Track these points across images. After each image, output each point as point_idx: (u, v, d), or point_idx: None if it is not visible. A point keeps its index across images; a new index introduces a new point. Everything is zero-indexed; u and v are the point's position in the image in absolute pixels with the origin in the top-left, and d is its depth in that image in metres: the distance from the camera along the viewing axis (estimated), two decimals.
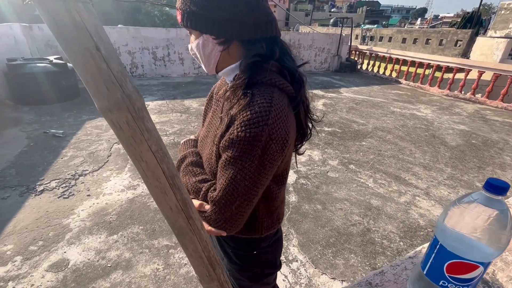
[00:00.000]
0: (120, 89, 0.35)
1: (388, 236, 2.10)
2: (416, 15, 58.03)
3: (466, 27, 11.89)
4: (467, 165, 3.31)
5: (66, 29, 0.31)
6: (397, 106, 5.69)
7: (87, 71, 0.33)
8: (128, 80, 0.37)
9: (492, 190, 0.44)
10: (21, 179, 2.64)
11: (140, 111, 0.38)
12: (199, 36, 0.63)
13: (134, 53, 6.88)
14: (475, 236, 0.45)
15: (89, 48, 0.32)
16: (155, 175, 0.42)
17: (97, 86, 0.34)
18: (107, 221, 2.14)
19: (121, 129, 0.37)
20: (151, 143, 0.40)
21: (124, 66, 5.05)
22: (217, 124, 0.69)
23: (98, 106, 0.36)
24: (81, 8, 0.31)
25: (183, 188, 0.47)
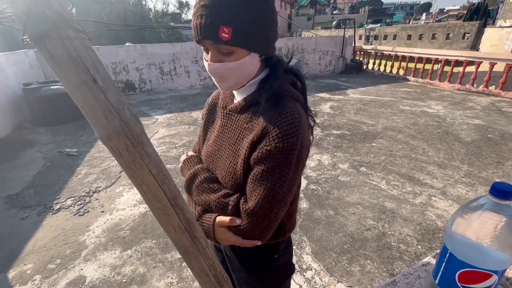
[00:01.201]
0: (118, 117, 0.37)
1: (405, 240, 2.03)
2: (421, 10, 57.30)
3: (473, 19, 11.62)
4: (484, 161, 3.19)
5: (64, 65, 0.33)
6: (407, 104, 5.58)
7: (85, 103, 0.35)
8: (126, 108, 0.38)
9: (499, 195, 0.42)
10: (39, 198, 2.74)
11: (139, 136, 0.39)
12: (246, 54, 0.59)
13: (142, 69, 7.08)
14: (485, 243, 0.44)
15: (87, 81, 0.34)
16: (157, 197, 0.43)
17: (96, 116, 0.36)
18: (121, 237, 2.18)
19: (121, 155, 0.39)
20: (152, 167, 0.41)
21: (133, 83, 5.20)
22: (234, 137, 0.69)
23: (98, 135, 0.37)
24: (77, 45, 0.33)
25: (186, 208, 0.47)
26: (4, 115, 4.46)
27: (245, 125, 0.67)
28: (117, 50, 6.77)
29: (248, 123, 0.66)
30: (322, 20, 32.94)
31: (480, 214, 0.45)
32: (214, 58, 0.60)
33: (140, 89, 7.24)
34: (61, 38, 0.31)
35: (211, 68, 0.61)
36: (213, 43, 0.57)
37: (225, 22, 0.54)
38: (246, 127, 0.66)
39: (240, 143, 0.67)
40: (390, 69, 8.57)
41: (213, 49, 0.59)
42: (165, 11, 34.45)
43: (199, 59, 7.55)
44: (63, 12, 0.31)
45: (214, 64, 0.60)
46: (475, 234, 0.45)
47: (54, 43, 0.31)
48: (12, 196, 2.77)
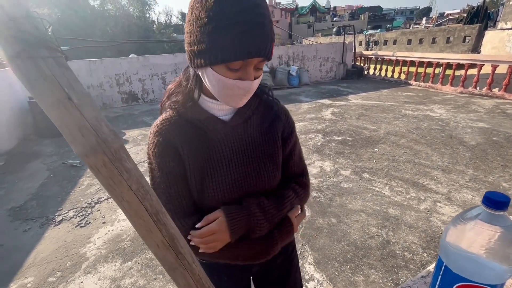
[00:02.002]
0: (94, 134, 0.36)
1: (410, 248, 1.98)
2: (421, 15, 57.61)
3: (473, 22, 11.63)
4: (490, 164, 3.13)
5: (37, 84, 0.33)
6: (409, 108, 5.55)
7: (61, 121, 0.35)
8: (103, 124, 0.38)
9: (492, 205, 0.41)
10: (41, 210, 2.75)
11: (117, 152, 0.39)
12: None
13: (144, 80, 7.19)
14: (481, 255, 0.42)
15: (61, 99, 0.34)
16: (138, 213, 0.42)
17: (72, 133, 0.35)
18: (121, 248, 2.17)
19: (99, 172, 0.38)
20: (131, 182, 0.40)
21: (136, 94, 5.26)
22: (257, 142, 0.72)
23: (75, 152, 0.37)
24: (51, 63, 0.33)
25: (169, 224, 0.46)
26: (10, 128, 4.54)
27: (265, 128, 0.73)
28: (120, 61, 6.90)
29: (266, 125, 0.73)
30: (322, 27, 33.30)
31: (474, 225, 0.43)
32: (252, 76, 0.57)
33: (143, 99, 7.33)
34: (33, 58, 0.31)
35: (253, 86, 0.58)
36: (262, 60, 0.56)
37: (273, 38, 0.56)
38: (267, 130, 0.73)
39: (266, 142, 0.73)
40: (391, 73, 8.57)
41: (252, 66, 0.56)
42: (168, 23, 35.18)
43: None
44: (36, 32, 0.31)
45: (256, 82, 0.59)
46: (470, 246, 0.43)
47: (27, 62, 0.31)
48: (16, 208, 2.79)
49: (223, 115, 0.69)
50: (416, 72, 7.81)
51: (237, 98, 0.60)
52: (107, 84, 6.87)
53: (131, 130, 5.16)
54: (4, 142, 4.34)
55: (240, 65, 0.55)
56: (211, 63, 0.54)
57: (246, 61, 0.54)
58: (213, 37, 0.52)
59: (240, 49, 0.51)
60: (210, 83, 0.59)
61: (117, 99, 7.08)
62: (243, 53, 0.52)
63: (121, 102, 7.14)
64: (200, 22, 0.53)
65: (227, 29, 0.50)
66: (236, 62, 0.54)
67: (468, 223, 0.44)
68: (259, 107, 0.73)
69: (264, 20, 0.52)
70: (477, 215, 0.43)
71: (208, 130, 0.67)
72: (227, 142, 0.68)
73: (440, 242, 0.48)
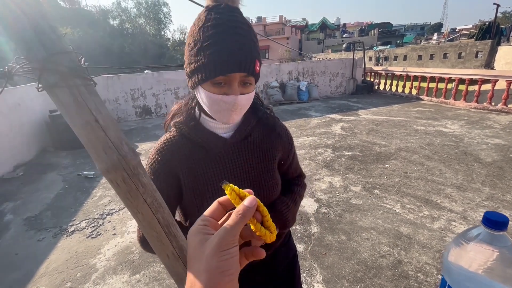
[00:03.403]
0: (116, 152, 0.41)
1: (423, 269, 1.90)
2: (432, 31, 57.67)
3: (485, 38, 11.55)
4: (508, 183, 3.01)
5: (70, 108, 0.37)
6: (421, 123, 5.47)
7: (88, 140, 0.39)
8: (124, 143, 0.42)
9: (491, 226, 0.42)
10: (56, 220, 2.83)
11: (135, 168, 0.43)
12: (254, 86, 0.66)
13: (158, 94, 7.45)
14: (483, 276, 0.42)
15: (90, 121, 0.38)
16: (151, 225, 0.46)
17: (97, 151, 0.40)
18: (130, 260, 2.19)
19: (118, 186, 0.42)
20: (146, 196, 0.44)
21: (149, 108, 5.43)
22: (258, 159, 0.76)
23: (98, 168, 0.41)
24: (83, 91, 0.38)
25: (179, 236, 0.49)
26: (29, 140, 4.77)
27: (265, 145, 0.77)
28: (136, 77, 7.21)
29: (266, 142, 0.78)
30: (332, 43, 33.77)
31: (475, 245, 0.44)
32: (238, 91, 0.60)
33: (156, 113, 7.56)
34: (69, 87, 0.36)
35: (237, 100, 0.60)
36: (245, 75, 0.60)
37: (257, 56, 0.61)
38: (267, 147, 0.78)
39: (266, 159, 0.77)
40: (402, 89, 8.53)
41: (237, 82, 0.60)
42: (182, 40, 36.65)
43: None
44: (72, 64, 0.37)
45: (242, 96, 0.61)
46: (472, 266, 0.44)
47: (63, 90, 0.36)
48: (31, 218, 2.88)
49: (223, 133, 0.72)
50: (428, 87, 7.75)
51: (226, 113, 0.63)
52: (122, 99, 7.16)
53: (144, 143, 5.31)
54: (23, 154, 4.55)
55: (223, 80, 0.59)
56: (199, 82, 0.61)
57: (228, 76, 0.59)
58: (197, 58, 0.59)
59: (220, 65, 0.57)
60: (202, 101, 0.65)
61: (131, 113, 7.33)
62: (223, 69, 0.57)
63: (135, 115, 7.38)
64: (189, 47, 0.61)
65: (207, 49, 0.57)
66: (219, 78, 0.59)
67: (469, 243, 0.44)
68: (258, 125, 0.77)
69: (241, 39, 0.58)
70: (478, 235, 0.44)
71: (208, 148, 0.70)
72: (227, 158, 0.72)
73: (442, 262, 0.49)
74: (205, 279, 0.26)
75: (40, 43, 0.33)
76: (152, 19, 30.13)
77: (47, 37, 0.34)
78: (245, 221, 0.29)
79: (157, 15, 30.42)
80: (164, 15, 31.22)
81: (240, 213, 0.29)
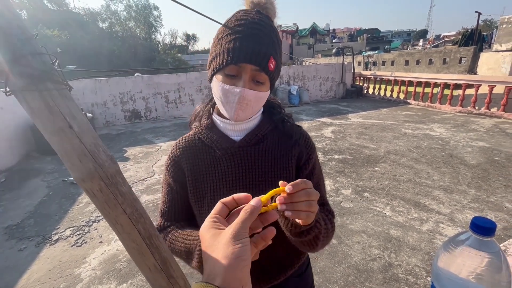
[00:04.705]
0: (92, 160, 0.38)
1: (413, 271, 1.92)
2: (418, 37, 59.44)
3: (468, 44, 11.98)
4: (492, 184, 3.10)
5: (41, 114, 0.35)
6: (409, 127, 5.59)
7: (61, 148, 0.37)
8: (101, 150, 0.40)
9: (479, 231, 0.41)
10: (38, 229, 2.72)
11: (114, 177, 0.41)
12: (268, 88, 0.66)
13: (148, 98, 7.35)
14: (471, 282, 0.42)
15: (63, 128, 0.36)
16: (131, 236, 0.43)
17: (71, 159, 0.37)
18: (117, 269, 2.12)
19: (95, 196, 0.40)
20: (125, 206, 0.42)
21: (139, 112, 5.33)
22: (267, 166, 0.70)
23: (73, 177, 0.39)
24: (55, 95, 0.36)
25: (162, 247, 0.47)
26: (12, 144, 4.59)
27: (278, 153, 0.71)
28: (125, 81, 7.10)
29: (279, 150, 0.71)
30: (322, 48, 34.32)
31: (463, 251, 0.43)
32: (248, 85, 0.60)
33: (146, 117, 7.45)
34: (39, 90, 0.34)
35: (244, 93, 0.59)
36: (257, 69, 0.59)
37: (273, 54, 0.61)
38: (280, 154, 0.71)
39: (278, 167, 0.70)
40: (390, 93, 8.72)
41: (249, 75, 0.60)
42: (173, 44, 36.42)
43: (203, 88, 7.83)
44: (44, 67, 0.34)
45: (249, 91, 0.60)
46: (461, 272, 0.43)
47: (33, 94, 0.34)
48: (12, 227, 2.76)
49: (235, 135, 0.71)
50: (415, 92, 7.95)
51: (231, 106, 0.62)
52: (111, 102, 7.02)
53: (132, 147, 5.20)
54: (6, 159, 4.38)
55: (235, 71, 0.60)
56: (214, 71, 0.62)
57: (240, 67, 0.59)
58: (216, 48, 0.61)
59: (232, 53, 0.58)
60: (215, 93, 0.65)
61: (120, 117, 7.19)
62: (233, 57, 0.58)
63: (124, 119, 7.25)
64: (215, 40, 0.64)
65: (225, 38, 0.59)
66: (231, 67, 0.59)
67: (458, 248, 0.44)
68: (274, 131, 0.73)
69: (259, 33, 0.59)
70: (465, 241, 0.44)
71: (215, 149, 0.69)
72: (232, 161, 0.69)
73: (432, 267, 0.48)
74: (224, 264, 0.31)
75: (7, 44, 0.31)
76: (142, 23, 29.87)
77: (15, 37, 0.32)
78: (253, 217, 0.35)
79: (148, 19, 30.18)
80: (155, 18, 31.00)
81: (248, 211, 0.35)
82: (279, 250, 0.69)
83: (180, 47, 36.89)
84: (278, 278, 0.73)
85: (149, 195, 3.27)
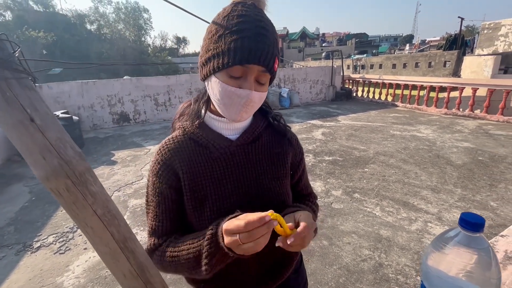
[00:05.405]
0: (57, 156, 0.35)
1: (403, 271, 1.93)
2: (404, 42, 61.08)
3: (452, 49, 12.39)
4: (477, 184, 3.17)
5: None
6: (397, 129, 5.69)
7: (21, 143, 0.34)
8: (68, 146, 0.37)
9: (468, 227, 0.40)
10: (19, 236, 2.59)
11: (82, 175, 0.37)
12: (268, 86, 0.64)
13: (137, 101, 7.22)
14: (461, 280, 0.40)
15: (22, 121, 0.33)
16: (103, 240, 0.40)
17: (33, 155, 0.34)
18: (102, 276, 2.03)
19: (61, 196, 0.36)
20: (96, 207, 0.39)
21: (127, 114, 5.21)
22: (265, 164, 0.70)
23: (36, 175, 0.35)
24: (13, 84, 0.32)
25: (138, 251, 0.44)
26: None
27: (275, 150, 0.72)
28: (113, 83, 6.95)
29: (276, 147, 0.72)
30: (312, 52, 34.76)
31: (453, 248, 0.42)
32: (252, 86, 0.57)
33: (135, 120, 7.31)
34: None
35: (252, 96, 0.57)
36: (263, 70, 0.57)
37: (277, 54, 0.58)
38: (277, 152, 0.72)
39: (276, 164, 0.71)
40: (379, 95, 8.88)
41: (254, 76, 0.57)
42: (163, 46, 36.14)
43: (193, 90, 7.76)
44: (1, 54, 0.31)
45: (256, 93, 0.58)
46: (450, 270, 0.42)
47: None
48: None
49: (230, 134, 0.68)
50: (402, 94, 8.13)
51: (236, 108, 0.59)
52: (98, 105, 6.86)
53: (120, 151, 5.08)
54: None
55: (240, 72, 0.56)
56: (213, 70, 0.57)
57: (246, 69, 0.56)
58: (217, 45, 0.56)
59: (239, 54, 0.54)
60: (213, 92, 0.60)
61: (108, 120, 7.03)
62: (243, 58, 0.54)
63: (112, 122, 7.09)
64: (209, 35, 0.59)
65: (229, 36, 0.55)
66: (236, 68, 0.55)
67: (447, 246, 0.43)
68: (268, 129, 0.73)
69: (265, 33, 0.56)
70: (454, 237, 0.43)
71: (212, 149, 0.65)
72: (232, 161, 0.66)
73: (421, 266, 0.47)
74: None
75: None
76: (132, 25, 29.52)
77: None
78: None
79: (137, 21, 29.86)
80: (145, 21, 30.71)
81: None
82: (279, 250, 0.68)
83: (170, 50, 36.62)
84: (282, 277, 0.73)
85: (137, 199, 3.19)
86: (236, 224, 0.49)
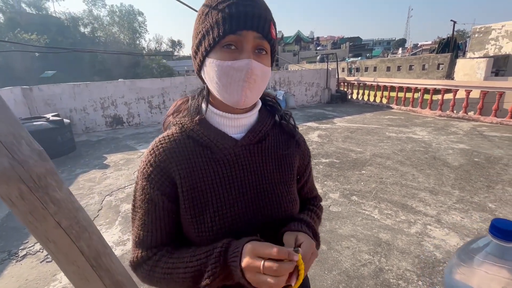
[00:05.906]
0: (8, 155, 0.28)
1: (404, 276, 1.87)
2: (397, 45, 61.99)
3: (444, 52, 12.56)
4: (474, 185, 3.16)
5: None
6: (392, 131, 5.69)
7: None
8: (24, 143, 0.30)
9: (501, 236, 0.35)
10: (4, 244, 2.48)
11: (43, 179, 0.31)
12: (269, 64, 0.57)
13: (130, 103, 7.11)
14: None
15: None
16: (69, 258, 0.33)
17: None
18: None
19: (13, 204, 0.29)
20: (60, 218, 0.32)
21: (121, 117, 5.12)
22: (272, 167, 0.63)
23: None
24: None
25: (115, 269, 0.37)
26: None
27: (282, 152, 0.65)
28: (106, 85, 6.84)
29: (283, 149, 0.66)
30: (307, 55, 34.99)
31: (483, 260, 0.36)
32: (250, 54, 0.51)
33: (128, 123, 7.19)
34: None
35: (252, 65, 0.50)
36: (259, 37, 0.51)
37: (273, 21, 0.53)
38: (284, 154, 0.66)
39: (283, 168, 0.65)
40: (374, 98, 8.92)
41: (251, 45, 0.51)
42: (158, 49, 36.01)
43: (188, 93, 7.61)
44: None
45: (256, 62, 0.51)
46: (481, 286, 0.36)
47: None
48: None
49: (234, 133, 0.60)
50: (397, 97, 8.17)
51: (237, 85, 0.51)
52: (91, 108, 6.73)
53: (113, 154, 4.96)
54: None
55: (234, 41, 0.50)
56: (206, 51, 0.52)
57: (240, 37, 0.50)
58: (205, 23, 0.52)
59: (228, 21, 0.49)
60: (210, 78, 0.54)
61: (100, 123, 6.90)
62: (232, 25, 0.49)
63: (105, 125, 6.96)
64: (197, 19, 0.55)
65: (215, 9, 0.50)
66: (229, 38, 0.50)
67: (475, 257, 0.37)
68: (275, 128, 0.67)
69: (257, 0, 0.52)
70: (485, 247, 0.37)
71: (215, 149, 0.58)
72: (237, 163, 0.59)
73: (444, 280, 0.41)
74: None
75: None
76: (126, 28, 29.39)
77: None
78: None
79: (132, 24, 29.75)
80: (139, 24, 30.61)
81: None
82: None
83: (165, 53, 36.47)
84: None
85: (130, 204, 3.09)
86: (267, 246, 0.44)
